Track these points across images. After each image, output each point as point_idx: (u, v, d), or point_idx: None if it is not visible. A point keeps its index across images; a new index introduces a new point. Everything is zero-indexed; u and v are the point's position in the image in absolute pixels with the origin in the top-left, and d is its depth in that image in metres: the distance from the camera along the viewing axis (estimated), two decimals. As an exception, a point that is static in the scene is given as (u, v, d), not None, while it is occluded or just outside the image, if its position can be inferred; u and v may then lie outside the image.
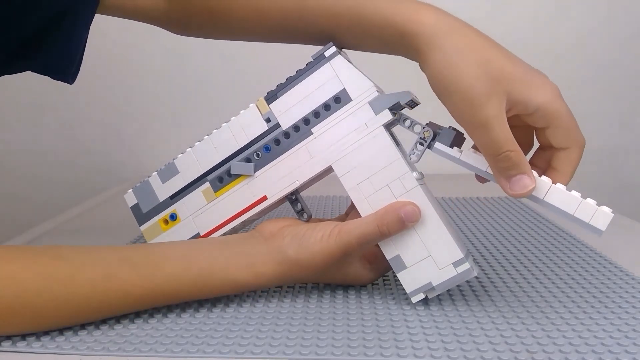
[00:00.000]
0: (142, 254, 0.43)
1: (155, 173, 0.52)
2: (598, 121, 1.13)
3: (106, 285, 0.41)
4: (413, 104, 0.46)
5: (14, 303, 0.38)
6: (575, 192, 0.42)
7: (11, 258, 0.40)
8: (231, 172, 0.49)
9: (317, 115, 0.47)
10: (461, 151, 0.44)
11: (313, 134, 0.47)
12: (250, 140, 0.49)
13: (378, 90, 0.46)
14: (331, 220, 0.48)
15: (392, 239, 0.44)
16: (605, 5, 1.10)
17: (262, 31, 0.53)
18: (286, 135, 0.48)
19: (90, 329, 0.41)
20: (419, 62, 0.45)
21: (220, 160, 0.50)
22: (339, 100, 0.46)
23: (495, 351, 0.37)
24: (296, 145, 0.48)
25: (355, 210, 0.47)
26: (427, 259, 0.44)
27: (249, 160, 0.49)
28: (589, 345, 0.38)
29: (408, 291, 0.45)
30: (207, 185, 0.51)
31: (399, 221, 0.43)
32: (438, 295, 0.46)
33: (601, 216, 0.41)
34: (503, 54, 0.42)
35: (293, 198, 0.50)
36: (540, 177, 0.42)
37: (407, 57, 0.46)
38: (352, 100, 0.46)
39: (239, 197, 0.50)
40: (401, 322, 0.42)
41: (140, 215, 0.53)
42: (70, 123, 1.17)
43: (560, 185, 0.42)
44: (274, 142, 0.48)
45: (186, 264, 0.43)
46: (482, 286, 0.49)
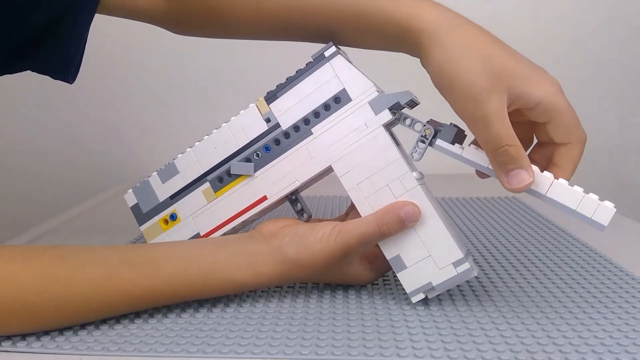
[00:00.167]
0: (142, 254, 0.43)
1: (155, 173, 0.52)
2: (598, 121, 1.13)
3: (106, 285, 0.41)
4: (413, 103, 0.46)
5: (14, 303, 0.38)
6: (577, 187, 0.41)
7: (11, 258, 0.40)
8: (231, 172, 0.49)
9: (317, 115, 0.47)
10: (463, 148, 0.44)
11: (313, 134, 0.47)
12: (250, 140, 0.49)
13: (378, 90, 0.46)
14: (331, 220, 0.48)
15: (392, 238, 0.44)
16: (605, 5, 1.10)
17: (263, 29, 0.53)
18: (286, 135, 0.48)
19: (90, 329, 0.41)
20: (420, 58, 0.45)
21: (220, 160, 0.50)
22: (339, 100, 0.46)
23: (495, 351, 0.37)
24: (296, 145, 0.48)
25: (355, 210, 0.47)
26: (427, 258, 0.44)
27: (248, 160, 0.49)
28: (589, 345, 0.38)
29: (408, 291, 0.45)
30: (207, 185, 0.51)
31: (399, 221, 0.43)
32: (438, 295, 0.46)
33: (604, 211, 0.41)
34: (504, 49, 0.43)
35: (293, 198, 0.50)
36: (542, 172, 0.42)
37: (408, 53, 0.46)
38: (352, 100, 0.46)
39: (239, 197, 0.50)
40: (401, 322, 0.42)
41: (140, 215, 0.53)
42: (70, 123, 1.17)
43: (562, 181, 0.42)
44: (274, 142, 0.48)
45: (186, 264, 0.43)
46: (482, 286, 0.49)
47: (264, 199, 0.49)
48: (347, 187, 0.46)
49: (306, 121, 0.47)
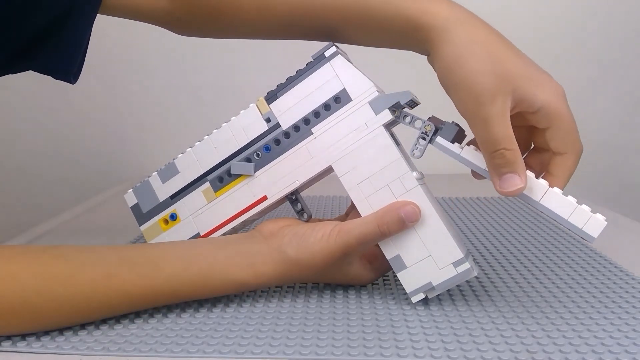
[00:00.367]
0: (142, 253, 0.43)
1: (156, 173, 0.52)
2: (598, 121, 1.13)
3: (106, 285, 0.41)
4: (413, 104, 0.46)
5: (14, 303, 0.38)
6: (571, 197, 0.42)
7: (11, 258, 0.40)
8: (231, 172, 0.49)
9: (317, 115, 0.47)
10: (462, 147, 0.44)
11: (313, 133, 0.47)
12: (251, 140, 0.49)
13: (378, 90, 0.46)
14: (331, 220, 0.48)
15: (392, 238, 0.44)
16: (606, 5, 1.10)
17: (267, 28, 0.52)
18: (286, 135, 0.48)
19: (90, 329, 0.41)
20: (428, 55, 0.45)
21: (221, 160, 0.50)
22: (339, 100, 0.46)
23: (495, 351, 0.37)
24: (296, 145, 0.48)
25: (355, 210, 0.47)
26: (427, 258, 0.44)
27: (249, 160, 0.49)
28: (589, 345, 0.38)
29: (408, 291, 0.45)
30: (207, 185, 0.51)
31: (399, 221, 0.43)
32: (438, 295, 0.46)
33: (595, 223, 0.41)
34: (513, 51, 0.43)
35: (293, 198, 0.50)
36: (538, 179, 0.42)
37: (415, 50, 0.46)
38: (352, 100, 0.46)
39: (239, 197, 0.50)
40: (401, 322, 0.42)
41: (140, 215, 0.53)
42: (70, 123, 1.17)
43: (557, 190, 0.42)
44: (274, 142, 0.48)
45: (186, 264, 0.43)
46: (482, 286, 0.49)
47: (264, 199, 0.49)
48: (347, 187, 0.46)
49: (306, 121, 0.47)
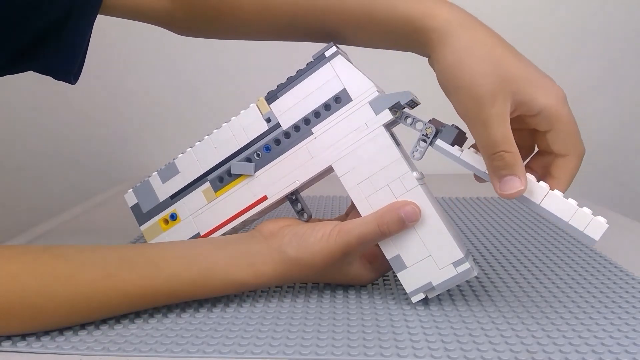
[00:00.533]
0: (142, 253, 0.43)
1: (156, 173, 0.52)
2: (598, 121, 1.13)
3: (106, 285, 0.41)
4: (413, 104, 0.46)
5: (14, 303, 0.38)
6: (571, 200, 0.41)
7: (11, 258, 0.40)
8: (231, 172, 0.49)
9: (318, 115, 0.47)
10: (462, 150, 0.44)
11: (313, 133, 0.47)
12: (251, 140, 0.49)
13: (378, 90, 0.46)
14: (331, 220, 0.48)
15: (392, 238, 0.44)
16: (606, 5, 1.10)
17: (268, 29, 0.52)
18: (286, 135, 0.48)
19: (90, 329, 0.41)
20: (428, 57, 0.45)
21: (221, 160, 0.50)
22: (340, 100, 0.46)
23: (495, 351, 0.37)
24: (296, 145, 0.48)
25: (355, 210, 0.47)
26: (427, 258, 0.44)
27: (249, 160, 0.49)
28: (589, 345, 0.38)
29: (408, 291, 0.45)
30: (207, 185, 0.51)
31: (399, 221, 0.43)
32: (438, 295, 0.46)
33: (596, 226, 0.41)
34: (513, 54, 0.43)
35: (293, 198, 0.50)
36: (539, 182, 0.42)
37: (417, 52, 0.46)
38: (352, 100, 0.46)
39: (239, 197, 0.50)
40: (401, 322, 0.42)
41: (141, 215, 0.53)
42: (70, 123, 1.17)
43: (557, 192, 0.42)
44: (274, 142, 0.48)
45: (186, 264, 0.43)
46: (482, 286, 0.49)
47: (264, 198, 0.49)
48: (347, 187, 0.46)
49: (306, 121, 0.47)
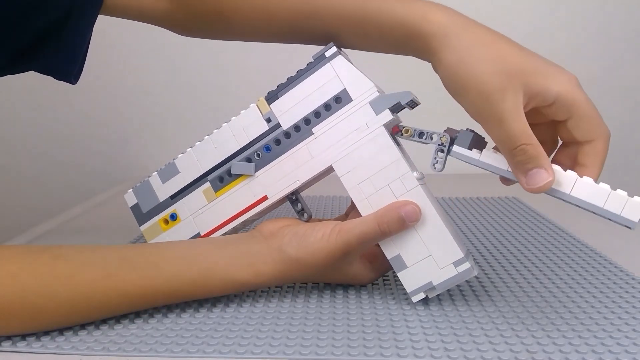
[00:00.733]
0: (142, 253, 0.43)
1: (156, 173, 0.52)
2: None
3: (106, 285, 0.41)
4: (413, 104, 0.46)
5: (14, 303, 0.38)
6: (603, 185, 0.39)
7: (11, 258, 0.40)
8: (232, 172, 0.49)
9: (318, 115, 0.47)
10: (480, 153, 0.43)
11: (314, 133, 0.47)
12: (251, 140, 0.49)
13: (378, 91, 0.46)
14: (331, 220, 0.48)
15: (393, 238, 0.44)
16: (606, 6, 1.10)
17: (268, 32, 0.52)
18: (287, 135, 0.48)
19: (90, 329, 0.41)
20: (431, 62, 0.44)
21: (221, 160, 0.50)
22: (340, 100, 0.46)
23: (495, 351, 0.37)
24: (297, 145, 0.48)
25: (355, 210, 0.47)
26: (428, 258, 0.44)
27: (249, 160, 0.49)
28: (589, 345, 0.38)
29: (408, 291, 0.45)
30: (207, 185, 0.51)
31: (399, 220, 0.43)
32: (438, 295, 0.46)
33: (633, 207, 0.38)
34: (516, 48, 0.42)
35: (293, 198, 0.50)
36: (566, 171, 0.40)
37: (417, 57, 0.46)
38: (352, 101, 0.46)
39: (239, 197, 0.50)
40: (401, 322, 0.42)
41: (141, 215, 0.53)
42: (70, 123, 1.17)
43: (587, 179, 0.40)
44: (275, 142, 0.48)
45: (186, 264, 0.43)
46: (482, 286, 0.49)
47: (265, 198, 0.49)
48: (347, 187, 0.46)
49: (307, 121, 0.47)
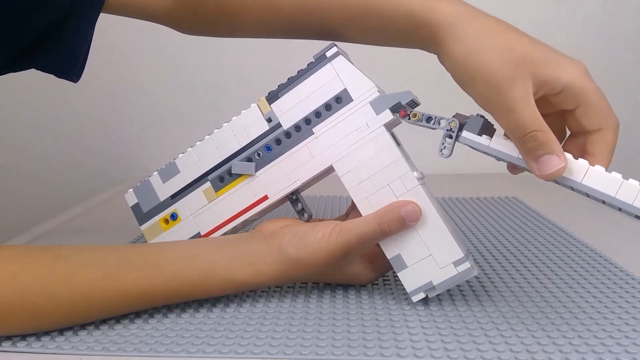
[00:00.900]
0: (142, 253, 0.43)
1: (156, 172, 0.52)
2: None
3: (106, 285, 0.41)
4: (414, 104, 0.46)
5: (14, 303, 0.38)
6: (615, 174, 0.39)
7: (11, 258, 0.40)
8: (232, 172, 0.49)
9: (318, 115, 0.47)
10: (490, 139, 0.43)
11: (314, 133, 0.47)
12: (252, 139, 0.49)
13: (379, 90, 0.46)
14: (331, 220, 0.48)
15: (393, 238, 0.44)
16: (606, 6, 1.10)
17: (272, 27, 0.52)
18: (287, 135, 0.48)
19: (90, 329, 0.41)
20: (437, 53, 0.44)
21: (221, 160, 0.50)
22: (340, 100, 0.46)
23: (495, 351, 0.37)
24: (297, 145, 0.48)
25: (355, 210, 0.47)
26: (428, 258, 0.44)
27: (250, 159, 0.49)
28: (589, 345, 0.38)
29: (408, 290, 0.45)
30: (207, 184, 0.51)
31: (399, 220, 0.43)
32: (438, 295, 0.46)
33: None
34: (525, 37, 0.42)
35: (294, 198, 0.50)
36: (577, 160, 0.40)
37: (423, 48, 0.46)
38: (353, 100, 0.46)
39: (239, 197, 0.50)
40: (401, 322, 0.42)
41: (141, 214, 0.53)
42: (70, 123, 1.17)
43: (598, 167, 0.39)
44: (275, 142, 0.48)
45: (186, 264, 0.43)
46: (482, 286, 0.49)
47: (265, 198, 0.49)
48: (348, 186, 0.46)
49: (307, 121, 0.47)
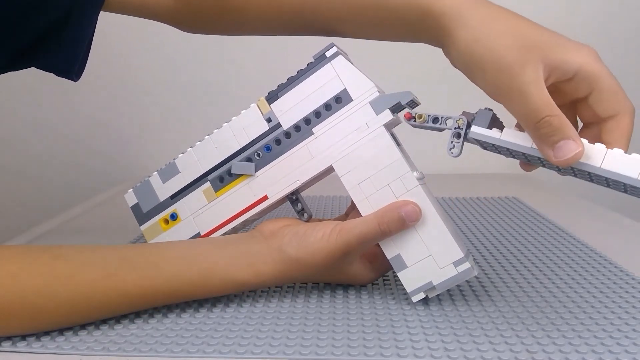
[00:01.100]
0: (142, 253, 0.43)
1: (156, 173, 0.52)
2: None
3: (106, 285, 0.41)
4: (414, 104, 0.46)
5: (14, 303, 0.38)
6: (635, 154, 0.37)
7: (11, 258, 0.40)
8: (232, 172, 0.49)
9: (318, 115, 0.47)
10: (501, 131, 0.42)
11: (314, 133, 0.47)
12: (251, 140, 0.49)
13: (379, 91, 0.46)
14: (331, 220, 0.48)
15: (393, 238, 0.44)
16: (606, 5, 1.10)
17: (276, 24, 0.52)
18: (287, 135, 0.48)
19: (90, 329, 0.41)
20: (443, 45, 0.44)
21: (221, 160, 0.50)
22: (340, 100, 0.46)
23: (495, 351, 0.37)
24: (297, 145, 0.48)
25: (355, 210, 0.47)
26: (428, 258, 0.44)
27: (249, 160, 0.49)
28: (589, 345, 0.38)
29: (408, 290, 0.45)
30: (207, 184, 0.51)
31: (399, 220, 0.43)
32: (438, 295, 0.46)
33: None
34: (532, 23, 0.41)
35: (294, 198, 0.50)
36: (594, 144, 0.38)
37: (429, 40, 0.45)
38: (353, 100, 0.46)
39: (239, 197, 0.50)
40: (401, 322, 0.42)
41: (141, 214, 0.53)
42: (70, 123, 1.17)
43: (617, 150, 0.38)
44: (275, 142, 0.48)
45: (186, 264, 0.43)
46: (482, 286, 0.49)
47: (265, 198, 0.49)
48: (348, 186, 0.46)
49: (307, 121, 0.47)
